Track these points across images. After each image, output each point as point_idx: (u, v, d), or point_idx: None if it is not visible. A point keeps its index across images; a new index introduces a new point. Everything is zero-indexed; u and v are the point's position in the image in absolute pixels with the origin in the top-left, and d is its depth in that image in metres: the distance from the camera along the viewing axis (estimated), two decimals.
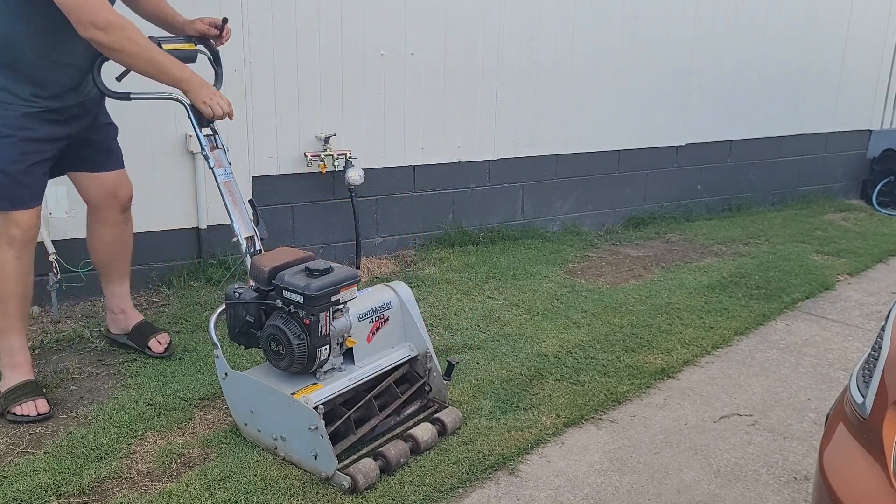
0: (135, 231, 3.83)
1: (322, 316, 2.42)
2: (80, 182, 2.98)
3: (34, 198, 2.68)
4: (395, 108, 4.48)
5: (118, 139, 3.07)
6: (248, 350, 2.88)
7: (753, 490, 2.52)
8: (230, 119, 2.69)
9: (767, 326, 3.85)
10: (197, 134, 2.80)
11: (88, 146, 2.90)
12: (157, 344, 3.19)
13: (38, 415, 2.69)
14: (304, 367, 2.47)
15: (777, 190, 6.48)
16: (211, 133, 2.83)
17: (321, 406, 2.40)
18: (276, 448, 2.52)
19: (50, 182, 2.82)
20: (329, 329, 2.46)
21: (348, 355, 2.65)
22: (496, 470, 2.55)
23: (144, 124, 3.72)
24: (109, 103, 3.01)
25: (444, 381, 2.81)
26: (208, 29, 2.93)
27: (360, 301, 2.67)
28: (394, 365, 2.75)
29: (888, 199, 6.63)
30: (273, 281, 2.48)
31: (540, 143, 5.09)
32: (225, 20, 2.95)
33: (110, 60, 2.76)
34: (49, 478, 2.38)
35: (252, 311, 2.54)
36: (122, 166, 3.03)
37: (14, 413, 2.68)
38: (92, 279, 3.74)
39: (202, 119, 2.78)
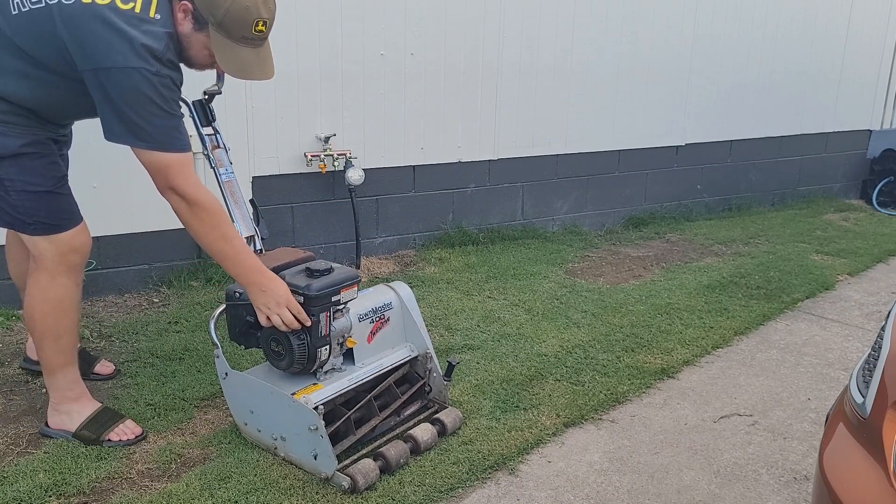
0: (135, 231, 3.85)
1: (322, 316, 2.42)
2: None
3: (78, 211, 2.53)
4: (395, 108, 4.48)
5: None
6: (248, 350, 2.88)
7: (753, 490, 2.52)
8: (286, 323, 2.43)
9: (767, 326, 3.85)
10: (199, 133, 2.80)
11: None
12: (103, 367, 3.04)
13: (136, 437, 2.61)
14: (305, 367, 2.47)
15: (777, 190, 6.49)
16: (212, 132, 2.83)
17: (321, 406, 2.40)
18: (276, 448, 2.52)
19: None
20: (329, 329, 2.46)
21: (349, 355, 2.65)
22: (496, 470, 2.55)
23: None
24: None
25: (445, 382, 2.81)
26: None
27: (361, 301, 2.67)
28: (394, 365, 2.75)
29: (888, 199, 6.63)
30: None
31: (540, 143, 5.09)
32: None
33: None
34: (49, 478, 2.38)
35: (252, 311, 2.54)
36: None
37: (111, 440, 2.57)
38: (92, 279, 3.74)
39: (203, 118, 2.78)
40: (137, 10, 2.18)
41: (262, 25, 2.40)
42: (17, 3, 2.20)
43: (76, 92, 2.27)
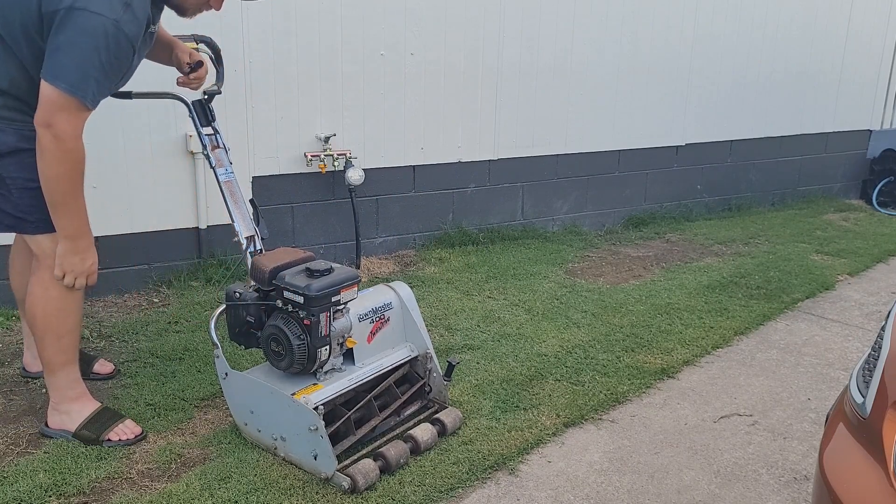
0: (135, 231, 3.85)
1: (322, 316, 2.42)
2: None
3: None
4: (395, 108, 4.48)
5: (120, 139, 3.01)
6: (248, 350, 2.88)
7: (753, 490, 2.52)
8: (75, 286, 2.46)
9: (767, 326, 3.85)
10: (198, 133, 2.81)
11: None
12: (102, 366, 3.05)
13: (136, 437, 2.61)
14: (305, 367, 2.47)
15: (777, 190, 6.49)
16: (212, 132, 2.83)
17: (321, 406, 2.40)
18: (276, 448, 2.52)
19: None
20: (329, 329, 2.46)
21: (349, 356, 2.65)
22: (496, 470, 2.55)
23: (145, 124, 3.71)
24: (107, 103, 2.99)
25: (445, 382, 2.81)
26: (181, 65, 2.80)
27: (361, 301, 2.67)
28: (394, 365, 2.75)
29: (888, 199, 6.63)
30: (273, 281, 2.48)
31: (540, 143, 5.09)
32: (200, 63, 2.80)
33: None
34: (49, 478, 2.38)
35: (252, 311, 2.54)
36: None
37: (110, 440, 2.57)
38: None
39: (203, 118, 2.78)
40: None
41: None
42: None
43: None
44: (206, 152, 2.80)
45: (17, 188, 2.35)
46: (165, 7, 2.52)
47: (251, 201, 2.88)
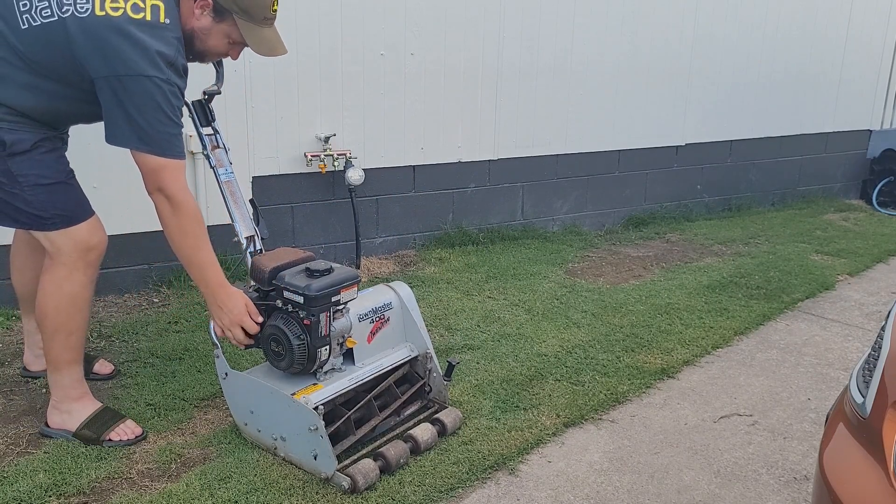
0: (135, 231, 3.85)
1: (322, 316, 2.42)
2: None
3: (89, 204, 2.55)
4: (395, 108, 4.48)
5: None
6: (248, 350, 2.88)
7: (753, 490, 2.52)
8: (240, 347, 2.56)
9: (767, 326, 3.85)
10: (198, 133, 2.81)
11: None
12: (102, 366, 3.05)
13: (136, 437, 2.61)
14: (305, 367, 2.47)
15: (777, 190, 6.49)
16: (212, 132, 2.83)
17: (321, 406, 2.40)
18: (276, 448, 2.52)
19: None
20: (329, 329, 2.46)
21: (349, 355, 2.65)
22: (496, 470, 2.55)
23: None
24: None
25: (445, 382, 2.81)
26: None
27: (361, 301, 2.67)
28: (394, 365, 2.75)
29: (888, 199, 6.63)
30: (273, 281, 2.48)
31: (540, 143, 5.09)
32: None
33: None
34: (49, 478, 2.38)
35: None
36: None
37: (111, 440, 2.58)
38: None
39: (203, 118, 2.78)
40: (149, 17, 2.27)
41: (276, 5, 2.54)
42: (28, 17, 2.26)
43: (80, 101, 2.37)
44: (206, 152, 2.80)
45: (30, 185, 2.37)
46: None
47: (251, 201, 2.88)
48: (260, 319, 2.50)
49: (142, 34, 2.24)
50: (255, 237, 2.77)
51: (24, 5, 2.25)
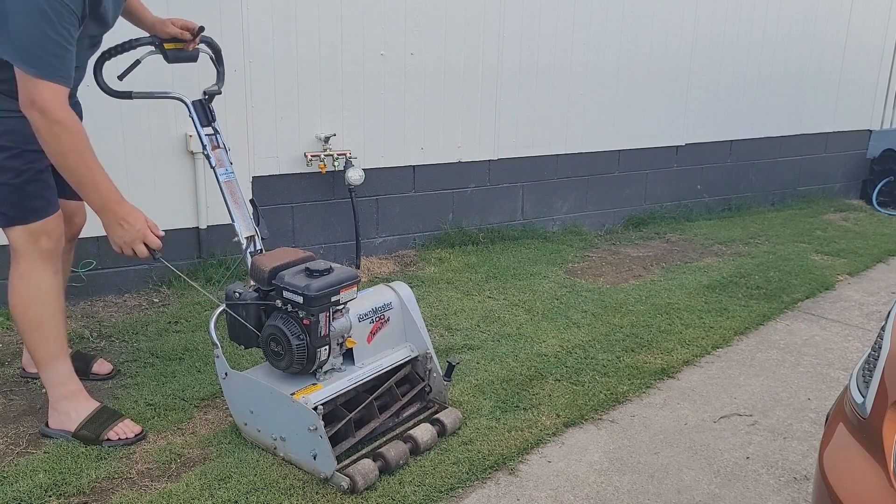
0: None
1: (322, 316, 2.42)
2: None
3: (52, 203, 2.49)
4: (395, 108, 4.48)
5: (121, 139, 2.99)
6: (248, 350, 2.88)
7: (753, 490, 2.52)
8: (138, 255, 2.42)
9: (767, 326, 3.85)
10: (198, 133, 2.80)
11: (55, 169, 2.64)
12: (101, 366, 3.04)
13: (136, 436, 2.60)
14: (304, 367, 2.47)
15: (777, 190, 6.49)
16: (212, 132, 2.82)
17: (321, 406, 2.40)
18: (275, 448, 2.52)
19: None
20: (329, 329, 2.46)
21: (348, 356, 2.65)
22: (496, 470, 2.55)
23: (145, 124, 3.72)
24: (108, 102, 3.00)
25: (445, 382, 2.81)
26: (180, 32, 2.78)
27: (361, 301, 2.67)
28: (394, 365, 2.75)
29: (888, 199, 6.63)
30: (273, 281, 2.48)
31: (540, 143, 5.09)
32: (201, 28, 2.81)
33: (112, 59, 2.76)
34: (49, 478, 2.38)
35: (252, 311, 2.54)
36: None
37: (110, 439, 2.56)
38: (92, 279, 3.75)
39: (203, 118, 2.77)
40: None
41: None
42: None
43: None
44: (206, 152, 2.80)
45: None
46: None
47: (251, 201, 2.88)
48: (161, 233, 2.39)
49: None
50: (256, 237, 2.77)
51: None
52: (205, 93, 2.86)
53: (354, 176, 4.23)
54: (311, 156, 4.20)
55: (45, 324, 2.52)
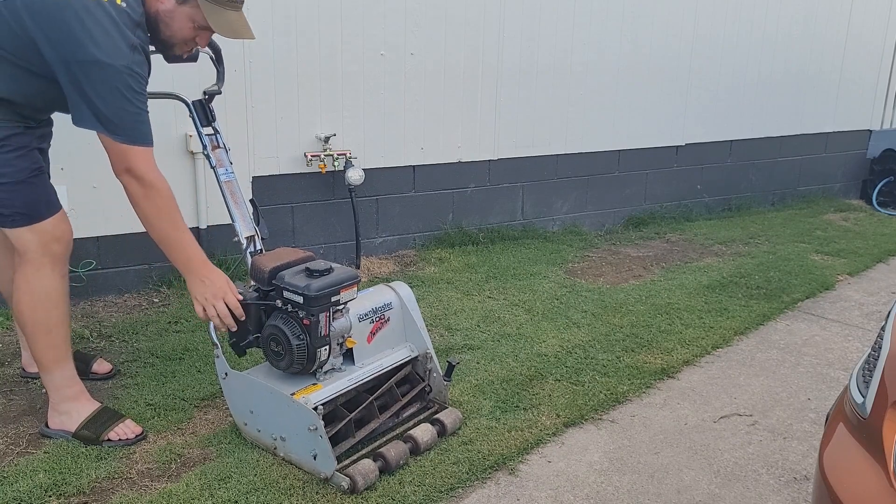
0: (135, 231, 3.84)
1: (322, 316, 2.42)
2: None
3: (55, 201, 2.51)
4: (395, 108, 4.48)
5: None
6: (246, 349, 2.87)
7: (753, 490, 2.52)
8: (220, 329, 2.51)
9: (767, 326, 3.85)
10: (199, 133, 2.81)
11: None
12: (100, 366, 3.05)
13: (136, 436, 2.60)
14: (304, 367, 2.47)
15: (777, 190, 6.49)
16: (212, 132, 2.82)
17: (321, 406, 2.40)
18: (275, 448, 2.52)
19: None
20: (329, 329, 2.46)
21: (348, 356, 2.65)
22: (496, 470, 2.55)
23: None
24: None
25: (445, 382, 2.81)
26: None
27: (361, 301, 2.67)
28: (394, 365, 2.75)
29: (888, 199, 6.63)
30: (273, 281, 2.48)
31: (540, 143, 5.09)
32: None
33: None
34: (49, 478, 2.38)
35: (252, 311, 2.54)
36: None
37: (110, 440, 2.57)
38: (92, 279, 3.74)
39: (204, 118, 2.77)
40: None
41: None
42: None
43: (47, 85, 2.29)
44: (206, 152, 2.80)
45: None
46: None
47: (251, 201, 2.88)
48: (241, 297, 2.45)
49: (97, 16, 2.17)
50: (256, 237, 2.77)
51: None
52: (205, 93, 2.86)
53: (354, 176, 4.23)
54: (311, 156, 4.20)
55: (54, 328, 2.52)
